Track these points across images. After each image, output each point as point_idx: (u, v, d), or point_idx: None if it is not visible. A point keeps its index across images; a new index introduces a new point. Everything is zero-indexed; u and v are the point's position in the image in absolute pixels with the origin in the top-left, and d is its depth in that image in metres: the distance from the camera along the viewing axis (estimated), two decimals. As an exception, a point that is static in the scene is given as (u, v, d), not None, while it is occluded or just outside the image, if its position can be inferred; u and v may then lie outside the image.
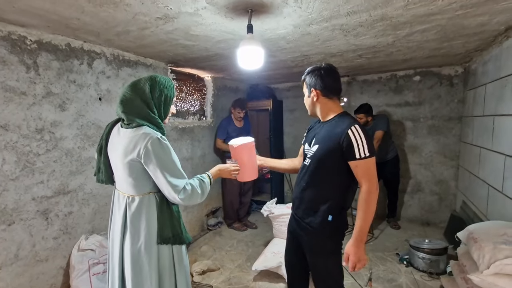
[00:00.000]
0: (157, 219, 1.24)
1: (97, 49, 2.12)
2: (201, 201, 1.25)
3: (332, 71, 1.38)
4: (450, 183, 3.39)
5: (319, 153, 1.35)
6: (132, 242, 1.21)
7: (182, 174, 1.20)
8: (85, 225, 2.07)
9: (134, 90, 1.21)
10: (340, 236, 1.42)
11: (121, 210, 1.25)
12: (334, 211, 1.34)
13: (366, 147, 1.23)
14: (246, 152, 1.55)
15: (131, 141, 1.16)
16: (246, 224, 3.55)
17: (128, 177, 1.20)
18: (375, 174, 1.27)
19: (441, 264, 2.35)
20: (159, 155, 1.14)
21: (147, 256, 1.21)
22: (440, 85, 3.34)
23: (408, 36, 2.02)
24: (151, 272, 1.22)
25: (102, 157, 1.32)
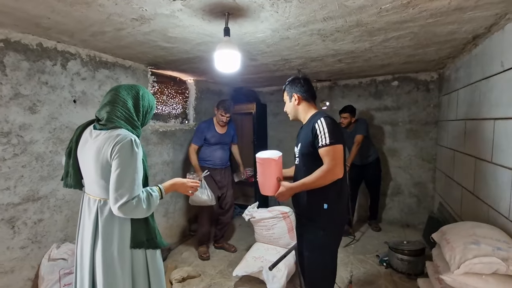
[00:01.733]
0: (131, 223, 1.21)
1: (71, 49, 2.05)
2: (146, 215, 1.17)
3: (309, 80, 1.64)
4: (428, 185, 3.49)
5: (301, 149, 1.55)
6: (104, 247, 1.17)
7: (136, 186, 1.12)
8: (56, 233, 1.98)
9: (129, 92, 1.26)
10: (335, 229, 1.51)
11: (91, 214, 1.20)
12: (329, 198, 1.45)
13: (328, 135, 1.38)
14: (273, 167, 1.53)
15: (105, 142, 1.14)
16: (223, 246, 2.99)
17: (101, 179, 1.17)
18: (339, 160, 1.38)
19: (419, 265, 2.40)
20: (123, 158, 1.11)
21: (120, 261, 1.18)
22: (417, 90, 3.46)
23: (384, 42, 2.07)
24: (124, 278, 1.19)
25: (71, 160, 1.27)
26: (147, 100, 1.32)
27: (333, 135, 1.38)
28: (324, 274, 1.53)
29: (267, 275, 2.05)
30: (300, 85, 1.59)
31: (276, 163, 1.53)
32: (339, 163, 1.38)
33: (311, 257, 1.54)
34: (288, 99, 1.65)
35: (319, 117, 1.45)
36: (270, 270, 1.96)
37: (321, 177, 1.38)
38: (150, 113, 1.36)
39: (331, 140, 1.37)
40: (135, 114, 1.25)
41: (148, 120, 1.37)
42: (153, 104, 1.36)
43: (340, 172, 1.38)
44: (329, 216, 1.46)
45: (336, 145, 1.38)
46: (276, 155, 1.54)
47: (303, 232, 1.62)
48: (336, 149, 1.38)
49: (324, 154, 1.39)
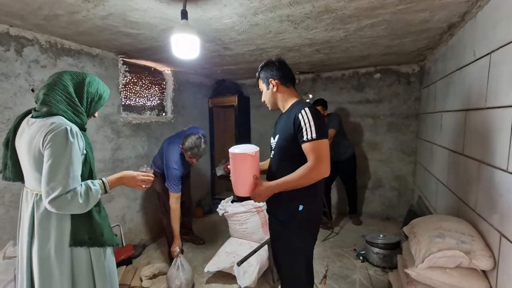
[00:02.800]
0: (71, 219, 1.12)
1: (27, 35, 1.92)
2: (84, 211, 1.08)
3: (284, 62, 1.45)
4: (408, 179, 3.49)
5: (279, 141, 1.37)
6: (40, 245, 1.09)
7: (71, 180, 1.03)
8: (12, 230, 1.87)
9: (73, 77, 1.18)
10: (310, 231, 1.38)
11: (28, 209, 1.12)
12: (305, 199, 1.31)
13: (315, 129, 1.21)
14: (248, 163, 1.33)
15: (38, 131, 1.06)
16: (192, 239, 2.92)
17: (35, 171, 1.08)
18: (325, 156, 1.22)
19: (394, 259, 2.38)
20: (56, 147, 1.02)
21: (58, 260, 1.10)
22: (398, 83, 3.42)
23: (359, 31, 2.01)
24: (62, 278, 1.10)
25: (9, 151, 1.18)
26: (95, 88, 1.23)
27: (319, 128, 1.22)
28: (301, 278, 1.42)
29: (237, 270, 2.00)
30: (276, 69, 1.40)
31: (253, 159, 1.33)
32: (326, 160, 1.22)
33: (286, 262, 1.42)
34: (264, 87, 1.46)
35: (302, 107, 1.27)
36: (238, 266, 1.90)
37: (306, 175, 1.21)
38: (98, 102, 1.27)
39: (317, 134, 1.20)
40: (77, 99, 1.16)
41: (96, 109, 1.27)
42: (104, 93, 1.28)
43: (327, 170, 1.22)
44: (303, 218, 1.33)
45: (322, 139, 1.22)
46: (253, 150, 1.33)
47: (275, 237, 1.48)
48: (322, 145, 1.22)
49: (309, 150, 1.22)
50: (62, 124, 1.05)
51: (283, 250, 1.41)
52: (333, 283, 2.23)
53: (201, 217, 3.80)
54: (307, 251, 1.42)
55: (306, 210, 1.32)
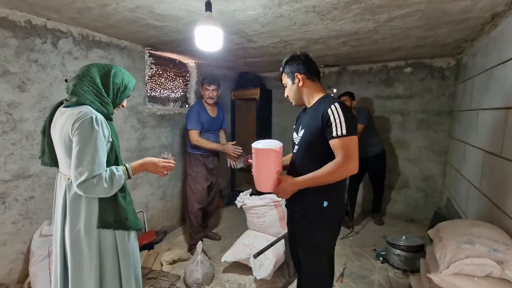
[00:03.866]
0: (99, 203, 1.19)
1: (63, 28, 2.02)
2: (109, 195, 1.14)
3: (309, 56, 1.41)
4: (437, 180, 3.30)
5: (305, 136, 1.34)
6: (71, 225, 1.16)
7: (96, 166, 1.09)
8: (48, 211, 2.02)
9: (100, 69, 1.22)
10: (333, 228, 1.37)
11: (61, 192, 1.20)
12: (330, 195, 1.29)
13: (345, 125, 1.19)
14: (272, 159, 1.31)
15: (68, 119, 1.13)
16: (208, 235, 2.92)
17: (66, 157, 1.15)
18: (354, 153, 1.19)
19: (416, 262, 2.28)
20: (82, 135, 1.08)
21: (87, 239, 1.17)
22: (431, 77, 3.21)
23: (389, 21, 1.89)
24: (91, 256, 1.17)
25: (46, 138, 1.27)
26: (120, 79, 1.27)
27: (349, 124, 1.19)
28: (323, 277, 1.39)
29: (253, 262, 2.02)
30: (301, 63, 1.36)
31: (277, 155, 1.31)
32: (355, 157, 1.19)
33: (308, 260, 1.40)
34: (289, 81, 1.41)
35: (332, 102, 1.24)
36: (255, 258, 1.92)
37: (334, 172, 1.19)
38: (124, 93, 1.30)
39: (347, 131, 1.18)
40: (104, 90, 1.21)
41: (122, 99, 1.31)
42: (129, 83, 1.31)
43: (355, 167, 1.19)
44: (328, 215, 1.30)
45: (352, 136, 1.20)
46: (277, 146, 1.31)
47: (296, 231, 1.44)
48: (352, 141, 1.20)
49: (338, 146, 1.19)
50: (88, 113, 1.11)
51: (306, 246, 1.39)
52: (350, 282, 2.19)
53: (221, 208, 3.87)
54: (330, 248, 1.40)
55: (331, 206, 1.29)
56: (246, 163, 2.04)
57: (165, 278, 2.17)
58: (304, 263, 1.44)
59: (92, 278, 1.17)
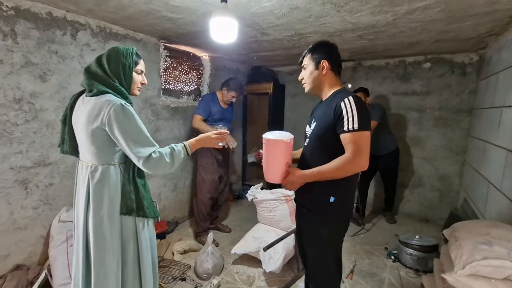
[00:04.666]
0: (121, 190, 1.22)
1: (81, 20, 2.07)
2: (172, 170, 1.22)
3: (337, 48, 1.37)
4: (454, 180, 3.20)
5: (316, 129, 1.32)
6: (94, 212, 1.19)
7: (149, 142, 1.17)
8: (67, 198, 2.09)
9: (98, 62, 1.21)
10: (340, 225, 1.33)
11: (85, 180, 1.23)
12: (337, 190, 1.26)
13: (357, 119, 1.15)
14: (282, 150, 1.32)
15: (95, 108, 1.14)
16: (218, 227, 2.96)
17: (91, 145, 1.18)
18: (365, 149, 1.16)
19: (429, 262, 2.24)
20: (122, 122, 1.12)
21: (110, 225, 1.20)
22: (451, 73, 3.09)
23: (409, 14, 1.83)
24: (113, 242, 1.21)
25: (66, 127, 1.29)
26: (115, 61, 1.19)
27: (362, 119, 1.15)
28: (329, 273, 1.37)
29: (263, 255, 2.03)
30: (331, 52, 1.31)
31: (287, 147, 1.31)
32: (366, 153, 1.16)
33: (314, 255, 1.38)
34: (312, 65, 1.33)
35: (346, 95, 1.21)
36: (264, 251, 1.93)
37: (342, 167, 1.16)
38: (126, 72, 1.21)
39: (360, 125, 1.14)
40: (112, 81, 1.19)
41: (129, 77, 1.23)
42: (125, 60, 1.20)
43: (365, 164, 1.16)
44: (334, 211, 1.28)
45: (364, 131, 1.16)
46: (287, 137, 1.31)
47: (303, 225, 1.44)
48: (364, 136, 1.16)
49: (349, 141, 1.16)
50: (116, 100, 1.13)
51: (312, 241, 1.38)
52: (360, 279, 2.17)
53: (232, 202, 3.90)
54: (336, 244, 1.37)
55: (338, 202, 1.27)
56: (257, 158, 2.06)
57: (176, 267, 2.22)
58: (310, 258, 1.43)
59: (114, 263, 1.21)
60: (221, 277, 2.15)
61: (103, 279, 1.20)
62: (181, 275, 2.13)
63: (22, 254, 1.89)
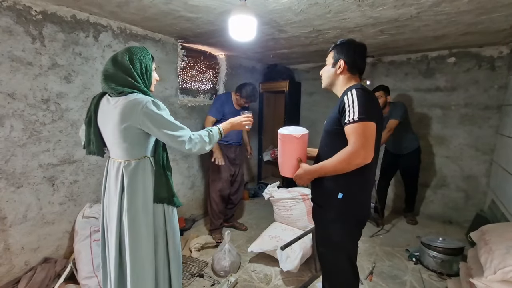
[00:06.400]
0: (154, 180, 1.32)
1: (103, 21, 2.13)
2: (208, 149, 1.33)
3: (364, 49, 1.33)
4: (480, 180, 3.04)
5: (326, 125, 1.32)
6: (130, 203, 1.26)
7: (182, 127, 1.27)
8: (90, 194, 2.17)
9: (115, 64, 1.24)
10: (350, 225, 1.27)
11: (118, 176, 1.28)
12: (346, 187, 1.21)
13: (357, 110, 1.11)
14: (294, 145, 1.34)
15: (126, 107, 1.19)
16: (234, 225, 2.97)
17: (124, 142, 1.24)
18: (368, 140, 1.10)
19: (454, 265, 2.15)
20: (157, 117, 1.20)
21: (144, 214, 1.28)
22: (478, 68, 2.94)
23: (435, 6, 1.75)
24: (148, 230, 1.29)
25: (92, 128, 1.32)
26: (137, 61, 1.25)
27: (364, 109, 1.10)
28: (341, 274, 1.32)
29: (280, 254, 2.02)
30: (351, 53, 1.29)
31: (299, 141, 1.33)
32: (369, 144, 1.10)
33: (324, 254, 1.36)
34: (331, 62, 1.34)
35: (351, 88, 1.19)
36: (282, 250, 1.92)
37: (343, 160, 1.12)
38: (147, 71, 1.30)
39: (360, 116, 1.09)
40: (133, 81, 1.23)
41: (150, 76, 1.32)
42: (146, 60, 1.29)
43: (368, 155, 1.10)
44: (343, 208, 1.23)
45: (366, 122, 1.10)
46: (300, 132, 1.33)
47: (315, 222, 1.43)
48: (366, 127, 1.10)
49: (351, 132, 1.12)
50: (145, 98, 1.19)
51: (323, 239, 1.37)
52: (380, 281, 2.11)
53: (247, 200, 3.91)
54: (346, 246, 1.30)
55: (347, 199, 1.22)
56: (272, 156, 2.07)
57: (194, 264, 2.25)
58: (320, 255, 1.41)
59: (150, 250, 1.29)
60: (238, 274, 2.16)
61: (140, 267, 1.26)
62: (199, 271, 2.16)
63: (50, 247, 1.98)
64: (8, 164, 1.74)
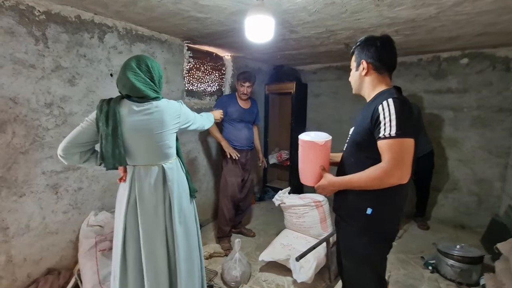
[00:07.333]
0: (186, 177, 1.50)
1: (108, 22, 2.05)
2: None
3: (390, 43, 1.19)
4: (494, 184, 2.97)
5: (354, 135, 1.22)
6: (178, 198, 1.39)
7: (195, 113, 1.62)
8: (94, 202, 2.09)
9: (140, 70, 1.29)
10: (379, 243, 1.17)
11: (159, 179, 1.36)
12: (376, 201, 1.11)
13: (394, 124, 1.00)
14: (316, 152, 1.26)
15: (166, 111, 1.34)
16: (242, 232, 2.90)
17: (163, 146, 1.36)
18: (404, 159, 1.00)
19: (473, 275, 2.07)
20: (187, 112, 1.51)
21: (188, 207, 1.48)
22: (492, 69, 2.86)
23: (456, 6, 1.67)
24: (196, 223, 1.54)
25: (119, 139, 1.24)
26: (157, 71, 1.36)
27: (402, 124, 1.00)
28: None
29: (294, 264, 1.94)
30: (374, 50, 1.16)
31: (322, 149, 1.24)
32: (405, 163, 1.00)
33: (350, 270, 1.27)
34: (354, 66, 1.26)
35: (387, 97, 1.06)
36: (297, 261, 1.84)
37: (375, 178, 1.03)
38: (162, 81, 1.42)
39: (398, 131, 0.99)
40: (158, 88, 1.35)
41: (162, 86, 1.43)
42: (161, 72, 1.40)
43: (404, 175, 1.01)
44: (372, 225, 1.14)
45: (404, 138, 1.00)
46: (323, 139, 1.25)
47: (339, 234, 1.34)
48: (404, 144, 1.00)
49: (386, 149, 1.02)
50: (174, 101, 1.42)
51: (347, 253, 1.28)
52: (397, 292, 2.03)
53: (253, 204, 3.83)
54: (375, 263, 1.20)
55: (377, 215, 1.12)
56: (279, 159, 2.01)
57: (203, 274, 2.16)
58: (345, 270, 1.32)
59: (197, 240, 1.52)
60: (249, 285, 2.08)
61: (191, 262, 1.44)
62: (209, 282, 2.07)
63: (53, 258, 1.90)
64: (10, 172, 1.66)
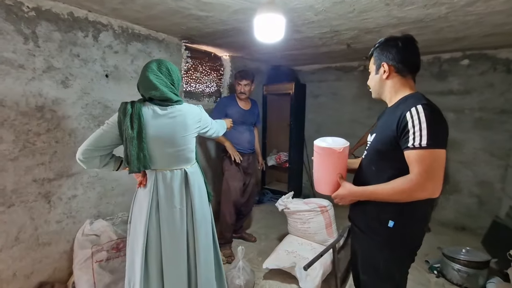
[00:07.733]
0: (204, 181, 1.52)
1: (103, 20, 1.93)
2: None
3: (412, 42, 1.11)
4: (495, 186, 2.96)
5: (375, 142, 1.14)
6: (199, 202, 1.42)
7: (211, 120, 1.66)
8: (90, 210, 1.98)
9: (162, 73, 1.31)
10: (402, 256, 1.10)
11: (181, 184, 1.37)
12: (397, 214, 1.04)
13: (426, 134, 0.92)
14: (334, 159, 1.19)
15: (189, 115, 1.37)
16: (243, 236, 2.81)
17: (186, 150, 1.37)
18: (436, 171, 0.93)
19: (480, 279, 2.05)
20: (206, 117, 1.55)
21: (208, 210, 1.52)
22: (494, 71, 2.85)
23: (468, 6, 1.62)
24: (212, 223, 1.57)
25: (143, 143, 1.25)
26: (177, 75, 1.39)
27: (434, 133, 0.92)
28: None
29: (300, 272, 1.88)
30: (395, 51, 1.09)
31: (339, 156, 1.17)
32: (437, 176, 0.93)
33: (369, 285, 1.20)
34: (374, 69, 1.17)
35: (415, 103, 0.98)
36: (305, 270, 1.77)
37: (404, 192, 0.96)
38: (180, 84, 1.45)
39: (429, 141, 0.91)
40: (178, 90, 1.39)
41: None
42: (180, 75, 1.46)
43: (436, 189, 0.94)
44: (395, 239, 1.07)
45: (436, 149, 0.93)
46: (341, 145, 1.17)
47: (357, 249, 1.26)
48: (435, 156, 0.93)
49: (415, 160, 0.94)
50: (193, 106, 1.47)
51: (366, 267, 1.20)
52: (405, 299, 1.98)
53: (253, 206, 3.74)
54: (396, 278, 1.13)
55: (400, 229, 1.04)
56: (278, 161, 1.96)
57: (205, 283, 2.08)
58: (362, 285, 1.26)
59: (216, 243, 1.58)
60: (253, 294, 2.00)
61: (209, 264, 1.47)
62: (211, 292, 1.99)
63: (46, 271, 1.78)
64: (-3, 180, 1.54)
